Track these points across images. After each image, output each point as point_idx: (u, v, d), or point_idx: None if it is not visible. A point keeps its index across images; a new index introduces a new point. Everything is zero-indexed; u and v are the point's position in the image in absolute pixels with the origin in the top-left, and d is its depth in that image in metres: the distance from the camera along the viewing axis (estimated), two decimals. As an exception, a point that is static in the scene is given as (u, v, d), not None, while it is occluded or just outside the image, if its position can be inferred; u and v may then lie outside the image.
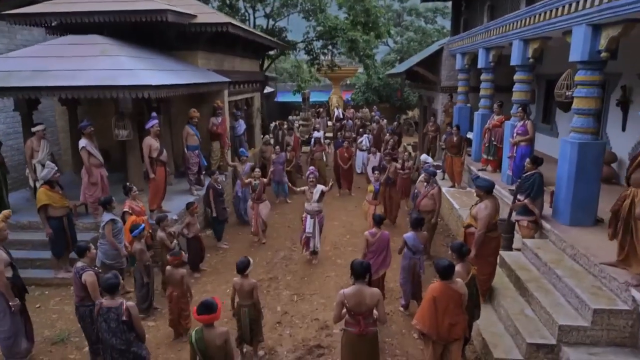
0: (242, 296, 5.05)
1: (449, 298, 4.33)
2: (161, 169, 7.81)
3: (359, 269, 4.13)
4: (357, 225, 9.93)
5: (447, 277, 4.31)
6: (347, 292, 4.11)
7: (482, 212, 5.55)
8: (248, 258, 5.11)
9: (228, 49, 13.21)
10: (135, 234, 5.90)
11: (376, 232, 6.04)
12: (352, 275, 4.22)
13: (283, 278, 7.43)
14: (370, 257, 6.03)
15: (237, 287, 5.02)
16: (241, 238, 9.32)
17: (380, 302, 4.15)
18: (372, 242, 6.01)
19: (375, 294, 4.12)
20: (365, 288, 4.13)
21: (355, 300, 4.09)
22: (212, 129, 10.73)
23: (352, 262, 4.23)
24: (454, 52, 13.17)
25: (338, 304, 4.15)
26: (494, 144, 9.50)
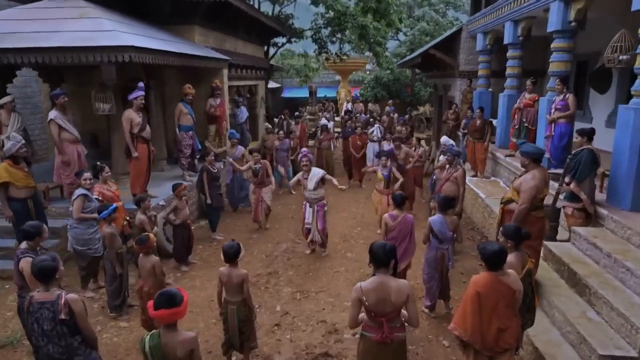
0: (230, 290, 4.02)
1: (498, 295, 3.27)
2: (143, 146, 6.80)
3: (381, 254, 3.07)
4: (369, 217, 8.87)
5: (497, 266, 3.26)
6: (366, 287, 3.07)
7: (528, 183, 4.50)
8: (238, 243, 4.08)
9: (229, 29, 12.24)
10: (103, 216, 4.89)
11: (397, 214, 4.98)
12: (371, 263, 3.17)
13: (284, 273, 6.38)
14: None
15: (224, 279, 3.99)
16: (238, 229, 8.29)
17: (411, 298, 3.09)
18: (393, 227, 4.95)
19: (404, 288, 3.07)
20: (390, 280, 3.07)
21: (376, 296, 3.04)
22: (209, 111, 9.76)
23: (372, 244, 3.18)
24: (474, 32, 12.08)
25: (354, 302, 3.10)
26: (525, 125, 8.39)
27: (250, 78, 14.33)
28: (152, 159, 7.04)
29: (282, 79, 33.65)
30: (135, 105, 6.65)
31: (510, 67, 9.64)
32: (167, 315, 2.63)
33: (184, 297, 2.73)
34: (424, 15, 25.65)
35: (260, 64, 15.32)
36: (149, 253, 4.44)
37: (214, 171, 7.55)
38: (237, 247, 3.98)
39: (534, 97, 8.30)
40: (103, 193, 5.79)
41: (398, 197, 5.05)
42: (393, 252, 3.08)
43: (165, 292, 2.74)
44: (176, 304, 2.65)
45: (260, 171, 8.03)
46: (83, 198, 5.29)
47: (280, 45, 18.56)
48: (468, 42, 12.81)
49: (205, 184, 7.43)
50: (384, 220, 4.98)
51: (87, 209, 5.35)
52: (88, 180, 5.45)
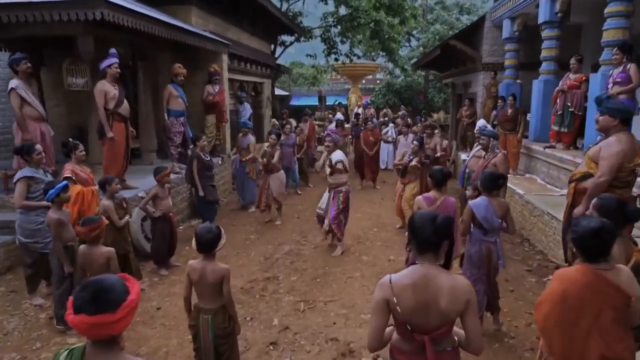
0: (204, 293, 2.86)
1: (601, 300, 2.11)
2: (120, 125, 5.70)
3: (428, 230, 1.87)
4: (386, 217, 7.67)
5: (600, 254, 2.10)
6: (400, 281, 1.89)
7: (610, 148, 3.37)
8: (217, 226, 2.93)
9: (233, 18, 11.29)
10: (50, 197, 3.76)
11: (435, 196, 3.79)
12: (411, 245, 1.99)
13: (286, 278, 5.19)
14: None
15: (194, 275, 2.84)
16: (235, 228, 7.12)
17: (473, 306, 1.88)
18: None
19: (462, 288, 1.88)
20: (440, 274, 1.88)
21: (415, 298, 1.85)
22: (207, 99, 8.72)
23: (413, 215, 2.00)
24: (499, 19, 10.97)
25: (378, 306, 1.91)
26: (569, 110, 7.19)
27: (255, 74, 13.34)
28: (130, 141, 5.93)
29: (291, 87, 32.90)
30: (109, 75, 5.58)
31: (547, 49, 8.49)
32: (90, 325, 1.41)
33: (130, 296, 1.50)
34: (437, 18, 24.67)
35: (266, 61, 14.34)
36: (98, 241, 3.29)
37: (205, 159, 6.44)
38: (216, 232, 2.84)
39: (580, 77, 7.12)
40: (77, 173, 4.71)
41: (438, 172, 3.87)
42: (448, 227, 1.88)
43: (93, 283, 1.51)
44: (109, 306, 1.44)
45: (267, 156, 7.18)
46: (26, 181, 4.20)
47: (289, 44, 17.63)
48: (492, 32, 11.72)
49: (196, 174, 6.31)
50: (417, 203, 3.79)
51: (35, 194, 4.24)
52: (40, 156, 4.36)
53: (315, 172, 9.25)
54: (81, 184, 4.70)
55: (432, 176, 3.85)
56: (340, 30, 17.06)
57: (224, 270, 2.84)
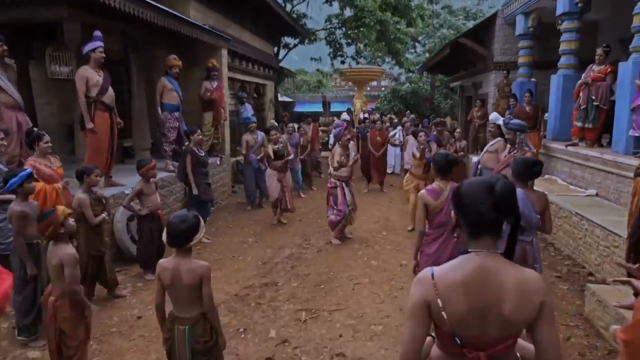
0: (179, 299, 2.32)
1: None
2: (104, 115, 5.19)
3: (484, 202, 1.31)
4: (395, 220, 7.11)
5: None
6: (446, 277, 1.34)
7: None
8: (195, 214, 2.38)
9: (234, 15, 10.86)
10: (11, 186, 3.24)
11: (440, 187, 3.24)
12: (459, 225, 1.42)
13: (285, 284, 4.63)
14: (435, 237, 3.23)
15: (166, 277, 2.30)
16: (232, 231, 6.59)
17: (548, 310, 1.31)
18: (437, 207, 3.20)
19: (535, 287, 1.31)
20: (503, 267, 1.32)
21: (467, 302, 1.29)
22: (204, 95, 8.24)
23: (460, 185, 1.43)
24: (512, 15, 10.48)
25: (415, 310, 1.35)
26: (594, 104, 6.64)
27: (257, 75, 12.90)
28: (116, 133, 5.42)
29: (295, 94, 32.55)
30: (93, 60, 5.09)
31: (566, 42, 7.98)
32: None
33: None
34: (444, 22, 24.28)
35: (269, 62, 13.91)
36: (60, 238, 2.76)
37: (200, 154, 5.93)
38: (193, 222, 2.30)
39: (605, 68, 6.58)
40: (38, 168, 4.15)
41: (442, 158, 3.31)
42: (512, 196, 1.33)
43: None
44: None
45: (284, 151, 6.80)
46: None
47: (292, 46, 17.21)
48: (504, 29, 11.25)
49: (189, 170, 5.80)
50: (421, 199, 3.22)
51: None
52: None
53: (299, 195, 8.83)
54: (44, 181, 4.15)
55: (435, 162, 3.31)
56: (345, 32, 16.64)
57: (203, 269, 2.30)
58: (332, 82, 40.38)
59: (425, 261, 3.24)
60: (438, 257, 3.15)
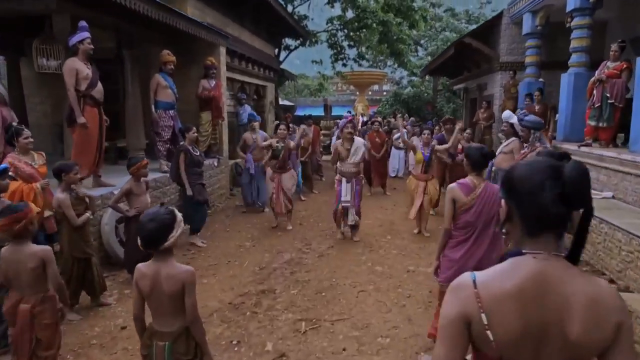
0: (159, 310, 2.01)
1: None
2: (93, 110, 4.89)
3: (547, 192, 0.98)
4: (400, 224, 6.78)
5: None
6: (491, 285, 1.00)
7: None
8: (172, 209, 2.08)
9: (233, 13, 10.59)
10: (-20, 182, 2.93)
11: (474, 182, 2.91)
12: (507, 221, 1.10)
13: (284, 292, 4.30)
14: (461, 240, 2.90)
15: (144, 285, 1.99)
16: (228, 235, 6.27)
17: (627, 333, 0.99)
18: (467, 205, 2.87)
19: (610, 302, 0.98)
20: (570, 274, 1.00)
21: (521, 319, 0.96)
22: (202, 94, 7.95)
23: (514, 166, 1.11)
24: (519, 14, 10.21)
25: (451, 326, 1.03)
26: (609, 102, 6.33)
27: (257, 76, 12.63)
28: (104, 130, 5.11)
29: (296, 98, 32.34)
30: (81, 52, 4.79)
31: (577, 39, 7.67)
32: None
33: None
34: (447, 25, 24.05)
35: (269, 63, 13.65)
36: (27, 237, 2.44)
37: (195, 154, 5.62)
38: (166, 219, 1.98)
39: (620, 65, 6.28)
40: (17, 166, 3.84)
41: (476, 152, 2.98)
42: (585, 184, 1.01)
43: None
44: None
45: (282, 151, 6.40)
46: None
47: (293, 48, 16.97)
48: (510, 29, 10.99)
49: (183, 170, 5.49)
50: (450, 193, 2.90)
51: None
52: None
53: (300, 198, 8.53)
54: (23, 180, 3.85)
55: (469, 156, 2.98)
56: (347, 34, 16.39)
57: (185, 275, 1.98)
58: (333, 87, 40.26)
59: (448, 267, 2.92)
60: (464, 263, 2.83)
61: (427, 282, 4.46)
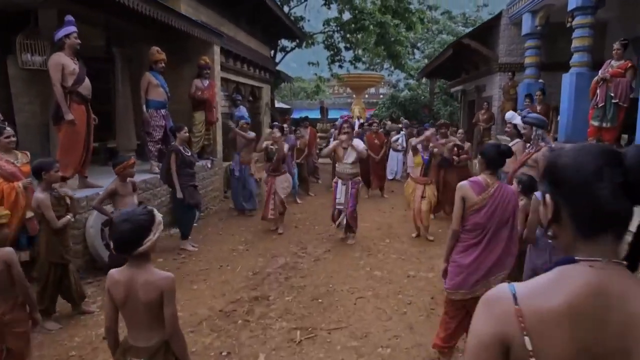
0: (134, 320, 1.79)
1: None
2: (80, 108, 4.66)
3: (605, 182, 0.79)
4: (399, 228, 6.58)
5: None
6: (536, 301, 0.79)
7: None
8: (150, 209, 1.86)
9: (228, 12, 10.40)
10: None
11: (487, 182, 2.70)
12: (554, 220, 0.87)
13: (278, 299, 4.08)
14: (471, 244, 2.68)
15: (116, 292, 1.78)
16: (221, 238, 6.04)
17: None
18: (477, 205, 2.65)
19: None
20: (634, 288, 0.78)
21: (574, 343, 0.75)
22: (195, 94, 7.74)
23: (555, 154, 0.91)
24: (519, 14, 10.08)
25: (485, 350, 0.80)
26: (613, 102, 6.16)
27: (252, 77, 12.43)
28: (92, 129, 4.88)
29: (292, 101, 32.19)
30: (68, 47, 4.56)
31: (579, 39, 7.51)
32: None
33: None
34: (444, 27, 23.97)
35: (265, 64, 13.45)
36: None
37: (186, 154, 5.39)
38: (141, 220, 1.77)
39: (625, 63, 6.11)
40: (-2, 165, 3.64)
41: (492, 149, 2.76)
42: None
43: None
44: None
45: (276, 154, 6.22)
46: None
47: (289, 49, 16.79)
48: (509, 30, 10.86)
49: (174, 171, 5.26)
50: (460, 191, 2.68)
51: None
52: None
53: (296, 201, 8.33)
54: (4, 179, 3.65)
55: (485, 154, 2.76)
56: (344, 35, 16.23)
57: (164, 281, 1.77)
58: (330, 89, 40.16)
59: (456, 273, 2.70)
60: (474, 270, 2.62)
61: (428, 287, 4.25)
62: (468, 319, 2.73)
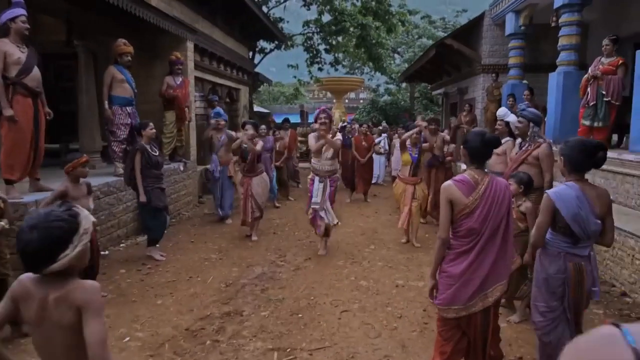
0: (47, 349, 1.32)
1: None
2: (26, 102, 4.12)
3: None
4: (384, 233, 6.21)
5: None
6: None
7: None
8: (67, 213, 1.39)
9: (204, 9, 9.93)
10: None
11: (475, 179, 2.28)
12: None
13: (253, 314, 3.62)
14: (463, 251, 2.28)
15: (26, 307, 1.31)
16: (192, 246, 5.54)
17: None
18: (468, 207, 2.23)
19: None
20: None
21: None
22: (166, 92, 7.25)
23: None
24: (502, 14, 9.91)
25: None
26: (604, 100, 5.94)
27: (230, 78, 11.97)
28: (42, 125, 4.34)
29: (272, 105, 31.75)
30: (14, 32, 4.03)
31: (566, 37, 7.30)
32: None
33: None
34: (424, 32, 23.95)
35: (243, 64, 13.01)
36: None
37: (153, 153, 4.89)
38: (61, 226, 1.31)
39: (616, 60, 5.90)
40: None
41: (477, 138, 2.32)
42: None
43: None
44: None
45: (248, 154, 5.77)
46: None
47: (268, 51, 16.38)
48: (492, 30, 10.70)
49: (138, 172, 4.76)
50: (445, 192, 2.24)
51: None
52: None
53: (274, 206, 7.92)
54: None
55: (467, 144, 2.32)
56: (323, 36, 15.91)
57: (82, 294, 1.31)
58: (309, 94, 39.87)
59: (447, 285, 2.30)
60: (467, 280, 2.22)
61: (419, 298, 3.87)
62: (465, 342, 2.34)
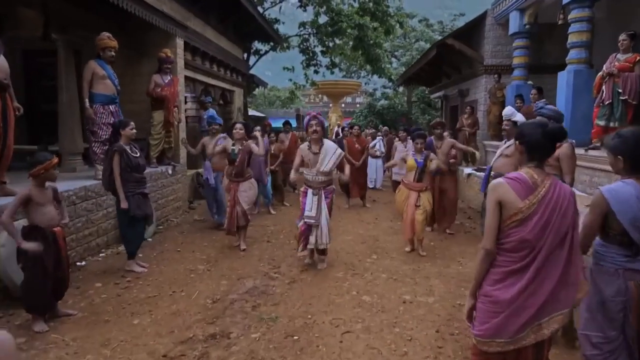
0: None
1: None
2: (-6, 96, 3.71)
3: None
4: (386, 241, 5.78)
5: None
6: None
7: None
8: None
9: (196, 7, 9.51)
10: None
11: (534, 179, 1.86)
12: None
13: (242, 336, 3.17)
14: (512, 270, 1.85)
15: None
16: (179, 256, 5.09)
17: None
18: (523, 212, 1.80)
19: None
20: None
21: None
22: (154, 91, 6.82)
23: None
24: (505, 13, 9.57)
25: None
26: (621, 99, 5.56)
27: (223, 79, 11.55)
28: (11, 121, 3.91)
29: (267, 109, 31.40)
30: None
31: (576, 34, 6.93)
32: None
33: None
34: (422, 35, 23.67)
35: (237, 65, 12.60)
36: None
37: (133, 155, 4.45)
38: None
39: (633, 57, 5.53)
40: None
41: (535, 128, 1.90)
42: None
43: None
44: None
45: (238, 156, 5.27)
46: None
47: (264, 52, 15.99)
48: (494, 30, 10.36)
49: (117, 175, 4.32)
50: (496, 193, 1.82)
51: None
52: None
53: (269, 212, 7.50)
54: None
55: (524, 136, 1.90)
56: (320, 37, 15.53)
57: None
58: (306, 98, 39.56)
59: (491, 314, 1.84)
60: (519, 309, 1.79)
61: (430, 317, 3.44)
62: None
